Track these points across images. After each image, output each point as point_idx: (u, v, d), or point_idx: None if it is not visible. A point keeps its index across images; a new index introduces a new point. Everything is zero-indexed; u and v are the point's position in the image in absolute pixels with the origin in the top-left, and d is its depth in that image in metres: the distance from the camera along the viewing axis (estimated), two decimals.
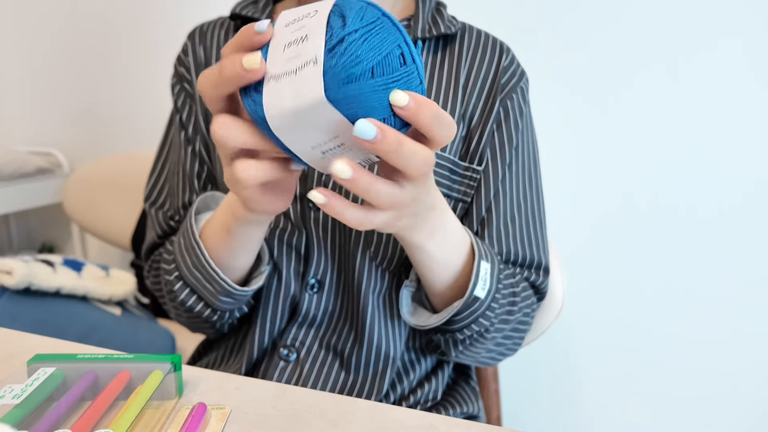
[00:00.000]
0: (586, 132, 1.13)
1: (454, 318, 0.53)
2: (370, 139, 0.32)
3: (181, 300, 0.58)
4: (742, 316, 1.10)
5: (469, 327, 0.54)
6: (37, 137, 1.71)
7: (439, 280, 0.53)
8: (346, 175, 0.34)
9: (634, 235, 1.14)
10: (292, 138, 0.34)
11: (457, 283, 0.54)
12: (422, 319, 0.57)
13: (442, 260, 0.51)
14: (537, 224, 0.63)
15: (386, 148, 0.33)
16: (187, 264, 0.56)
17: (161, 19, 1.47)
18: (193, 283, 0.56)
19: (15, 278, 0.93)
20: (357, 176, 0.34)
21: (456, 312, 0.52)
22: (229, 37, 0.65)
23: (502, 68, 0.61)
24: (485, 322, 0.55)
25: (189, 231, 0.55)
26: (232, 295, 0.55)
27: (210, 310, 0.59)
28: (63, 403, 0.37)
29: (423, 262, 0.51)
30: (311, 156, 0.36)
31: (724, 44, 1.02)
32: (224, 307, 0.58)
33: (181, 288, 0.58)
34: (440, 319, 0.54)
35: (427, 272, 0.53)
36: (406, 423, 0.40)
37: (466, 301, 0.51)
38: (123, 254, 1.67)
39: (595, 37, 1.09)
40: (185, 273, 0.56)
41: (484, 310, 0.53)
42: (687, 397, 1.17)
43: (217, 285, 0.54)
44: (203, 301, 0.58)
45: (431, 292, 0.56)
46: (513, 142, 0.61)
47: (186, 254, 0.55)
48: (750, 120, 1.03)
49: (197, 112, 0.64)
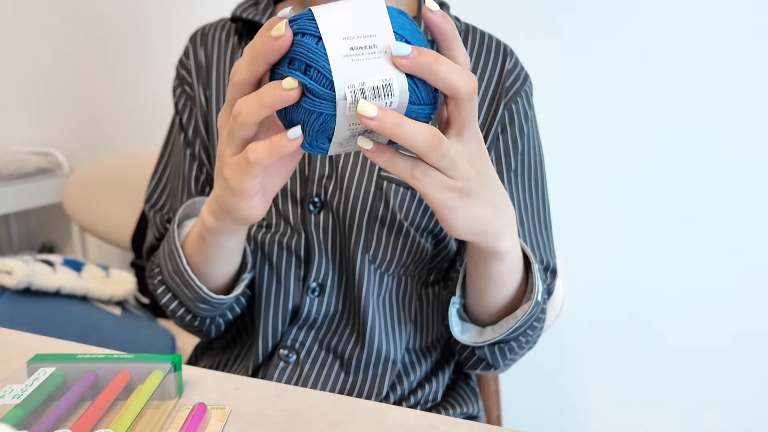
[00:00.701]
0: (585, 132, 1.13)
1: (517, 326, 0.51)
2: (407, 54, 0.32)
3: (164, 303, 0.60)
4: (742, 317, 1.10)
5: (524, 333, 0.53)
6: (37, 137, 1.71)
7: (505, 292, 0.51)
8: (373, 112, 0.33)
9: (634, 235, 1.14)
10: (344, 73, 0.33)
11: (516, 294, 0.53)
12: (474, 335, 0.55)
13: (517, 268, 0.50)
14: (544, 227, 0.63)
15: (425, 60, 0.33)
16: (168, 269, 0.56)
17: (161, 20, 1.47)
18: (174, 288, 0.57)
19: (15, 278, 0.93)
20: (384, 115, 0.33)
21: (522, 321, 0.51)
22: (230, 39, 0.65)
23: (506, 72, 0.60)
24: (537, 325, 0.54)
25: (171, 236, 0.55)
26: (209, 302, 0.56)
27: (191, 316, 0.59)
28: (63, 403, 0.37)
29: (497, 273, 0.49)
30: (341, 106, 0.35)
31: (728, 45, 1.02)
32: (203, 314, 0.58)
33: (163, 292, 0.59)
34: (503, 332, 0.52)
35: (496, 285, 0.50)
36: (406, 423, 0.40)
37: (533, 308, 0.50)
38: (123, 254, 1.67)
39: (596, 39, 1.09)
40: (167, 278, 0.58)
41: (539, 313, 0.53)
42: (687, 397, 1.16)
43: (193, 292, 0.55)
44: (184, 307, 0.59)
45: (486, 307, 0.54)
46: (518, 146, 0.60)
47: (168, 259, 0.56)
48: (753, 121, 1.03)
49: (197, 114, 0.64)
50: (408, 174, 0.37)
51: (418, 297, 0.63)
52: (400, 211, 0.57)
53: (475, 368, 0.60)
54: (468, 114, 0.36)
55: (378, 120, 0.33)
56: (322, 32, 0.33)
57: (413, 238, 0.58)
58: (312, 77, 0.33)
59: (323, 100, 0.34)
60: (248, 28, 0.65)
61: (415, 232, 0.58)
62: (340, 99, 0.33)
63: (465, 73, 0.35)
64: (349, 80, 0.33)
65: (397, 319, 0.61)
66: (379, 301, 0.60)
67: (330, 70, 0.33)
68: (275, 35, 0.33)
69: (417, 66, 0.33)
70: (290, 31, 0.33)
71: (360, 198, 0.57)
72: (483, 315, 0.55)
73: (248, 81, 0.36)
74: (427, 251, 0.60)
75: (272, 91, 0.34)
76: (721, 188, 1.07)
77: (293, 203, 0.59)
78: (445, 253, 0.62)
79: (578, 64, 1.11)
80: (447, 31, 0.35)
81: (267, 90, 0.34)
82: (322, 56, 0.33)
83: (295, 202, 0.59)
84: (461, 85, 0.34)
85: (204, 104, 0.64)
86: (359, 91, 0.33)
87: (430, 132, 0.35)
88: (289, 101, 0.34)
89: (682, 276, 1.12)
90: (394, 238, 0.58)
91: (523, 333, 0.53)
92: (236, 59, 0.63)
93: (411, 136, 0.34)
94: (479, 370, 0.60)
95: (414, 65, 0.33)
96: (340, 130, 0.35)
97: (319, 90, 0.33)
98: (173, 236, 0.55)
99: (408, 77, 0.34)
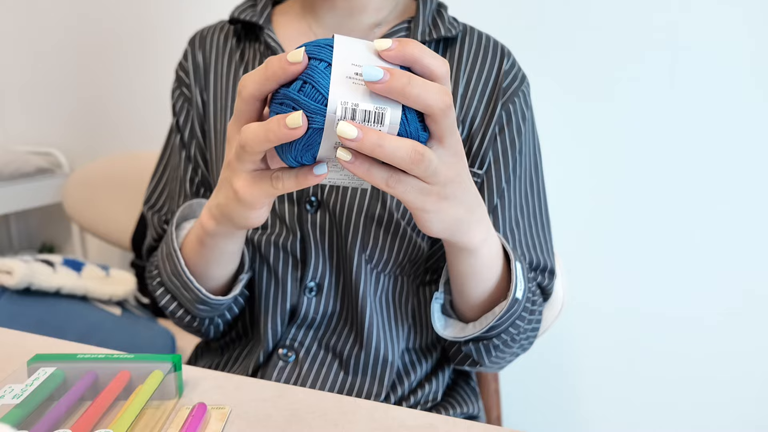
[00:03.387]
0: (585, 132, 1.13)
1: (495, 323, 0.52)
2: (378, 79, 0.33)
3: (163, 305, 0.60)
4: (743, 317, 1.10)
5: (506, 331, 0.54)
6: (37, 137, 1.72)
7: (484, 287, 0.52)
8: (353, 134, 0.34)
9: (634, 235, 1.14)
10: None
11: (496, 290, 0.53)
12: (456, 330, 0.56)
13: (492, 263, 0.50)
14: (541, 227, 0.63)
15: (396, 85, 0.34)
16: (167, 271, 0.57)
17: (161, 20, 1.47)
18: (173, 289, 0.58)
19: (15, 278, 0.93)
20: (364, 132, 0.34)
21: (499, 317, 0.51)
22: (229, 41, 0.65)
23: (504, 72, 0.60)
24: (520, 323, 0.54)
25: (169, 239, 0.56)
26: (207, 303, 0.56)
27: (190, 317, 0.60)
28: (63, 403, 0.37)
29: (471, 268, 0.50)
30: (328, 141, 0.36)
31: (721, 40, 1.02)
32: (202, 315, 0.59)
33: (162, 294, 0.60)
34: (482, 328, 0.52)
35: (473, 280, 0.51)
36: (406, 423, 0.40)
37: (510, 304, 0.51)
38: (123, 254, 1.67)
39: (596, 38, 1.09)
40: (165, 279, 0.58)
41: (521, 311, 0.53)
42: (687, 398, 1.17)
43: (192, 293, 0.55)
44: (183, 308, 0.59)
45: (467, 303, 0.55)
46: (516, 147, 0.60)
47: (166, 261, 0.57)
48: (748, 118, 1.03)
49: (194, 117, 0.65)
50: (383, 184, 0.38)
51: (416, 296, 0.63)
52: (396, 211, 0.57)
53: (462, 364, 0.61)
54: (446, 127, 0.38)
55: (358, 141, 0.34)
56: (334, 55, 0.35)
57: (410, 237, 0.58)
58: (306, 92, 0.35)
59: (313, 114, 0.35)
60: (246, 29, 0.65)
61: (412, 232, 0.58)
62: (330, 112, 0.34)
63: (438, 91, 0.36)
64: (344, 97, 0.34)
65: (394, 319, 0.61)
66: (376, 300, 0.60)
67: (327, 87, 0.34)
68: (292, 60, 0.35)
69: (390, 90, 0.34)
70: (306, 59, 0.35)
71: (357, 197, 0.57)
72: (466, 311, 0.56)
73: (257, 97, 0.38)
74: (424, 250, 0.60)
75: (278, 129, 0.35)
76: (722, 185, 1.07)
77: (290, 203, 0.59)
78: (442, 252, 0.62)
79: (578, 64, 1.11)
80: (408, 54, 0.35)
81: (272, 127, 0.35)
82: (323, 76, 0.35)
83: (291, 202, 0.59)
84: (435, 104, 0.36)
85: (201, 106, 0.64)
86: (350, 110, 0.34)
87: (411, 148, 0.36)
88: (294, 137, 0.35)
89: (684, 277, 1.12)
90: (390, 238, 0.58)
91: (504, 331, 0.54)
92: (234, 61, 0.64)
93: (392, 154, 0.35)
94: (467, 366, 0.61)
95: (386, 89, 0.34)
96: (326, 147, 0.36)
97: (309, 104, 0.35)
98: (171, 238, 0.56)
99: (402, 111, 0.35)
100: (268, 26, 0.61)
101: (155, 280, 0.61)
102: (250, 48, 0.64)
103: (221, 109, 0.63)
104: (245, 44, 0.64)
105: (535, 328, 0.61)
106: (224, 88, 0.63)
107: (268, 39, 0.60)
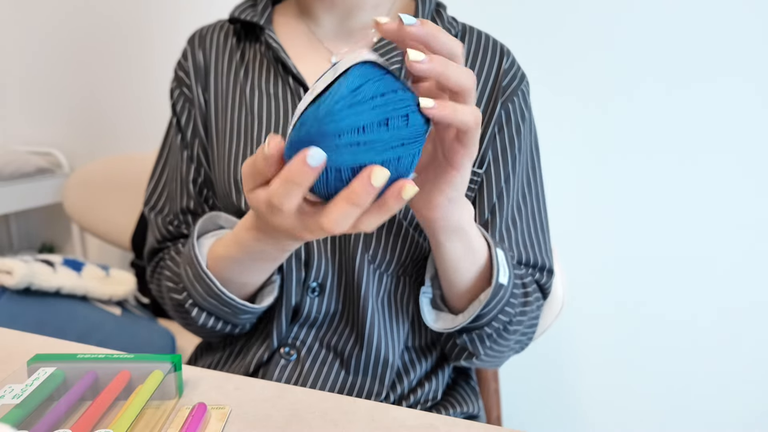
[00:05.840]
0: (584, 131, 1.13)
1: (483, 311, 0.53)
2: (421, 59, 0.34)
3: (202, 324, 0.59)
4: (743, 315, 1.10)
5: (496, 318, 0.54)
6: (37, 137, 1.72)
7: (468, 273, 0.53)
8: (420, 57, 0.34)
9: (634, 234, 1.14)
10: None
11: (481, 276, 0.54)
12: (447, 322, 0.57)
13: (479, 246, 0.51)
14: (539, 226, 0.64)
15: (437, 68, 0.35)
16: (199, 293, 0.56)
17: (161, 19, 1.47)
18: (210, 308, 0.57)
19: (15, 278, 0.93)
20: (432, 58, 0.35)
21: (485, 303, 0.52)
22: (229, 40, 0.65)
23: (503, 71, 0.61)
24: (510, 310, 0.55)
25: (195, 261, 0.55)
26: (251, 312, 0.57)
27: (230, 326, 0.60)
28: (63, 403, 0.37)
29: (463, 251, 0.50)
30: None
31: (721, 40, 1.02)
32: (244, 322, 0.60)
33: (198, 314, 0.58)
34: (470, 315, 0.53)
35: (463, 264, 0.52)
36: (406, 423, 0.40)
37: (494, 289, 0.51)
38: (123, 254, 1.67)
39: (596, 38, 1.09)
40: (199, 300, 0.57)
41: (508, 297, 0.54)
42: (687, 398, 1.17)
43: (233, 308, 0.56)
44: (222, 320, 0.59)
45: (453, 292, 0.55)
46: (515, 146, 0.61)
47: (197, 284, 0.56)
48: (748, 118, 1.03)
49: (196, 116, 0.64)
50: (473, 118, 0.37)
51: (417, 296, 0.63)
52: (399, 211, 0.57)
53: (459, 358, 0.61)
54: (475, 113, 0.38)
55: (426, 62, 0.34)
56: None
57: (412, 237, 0.58)
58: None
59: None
60: (246, 29, 0.65)
61: (414, 232, 0.58)
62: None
63: (467, 70, 0.37)
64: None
65: (396, 319, 0.61)
66: (378, 300, 0.60)
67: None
68: (313, 165, 0.33)
69: (432, 69, 0.35)
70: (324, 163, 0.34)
71: None
72: (455, 301, 0.56)
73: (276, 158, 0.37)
74: (426, 251, 0.60)
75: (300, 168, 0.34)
76: (721, 187, 1.07)
77: None
78: None
79: (578, 64, 1.11)
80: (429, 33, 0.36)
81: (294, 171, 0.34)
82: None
83: None
84: (468, 81, 0.36)
85: (203, 105, 0.64)
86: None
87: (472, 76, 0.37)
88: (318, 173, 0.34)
89: (684, 276, 1.12)
90: (393, 238, 0.58)
91: (494, 318, 0.54)
92: (234, 60, 0.64)
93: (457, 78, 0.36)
94: (464, 360, 0.61)
95: (429, 69, 0.35)
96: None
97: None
98: (197, 261, 0.54)
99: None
100: (268, 27, 0.61)
101: (187, 303, 0.58)
102: (250, 48, 0.64)
103: (222, 109, 0.63)
104: (245, 44, 0.64)
105: (533, 324, 0.61)
106: (225, 88, 0.63)
107: (269, 39, 0.60)
